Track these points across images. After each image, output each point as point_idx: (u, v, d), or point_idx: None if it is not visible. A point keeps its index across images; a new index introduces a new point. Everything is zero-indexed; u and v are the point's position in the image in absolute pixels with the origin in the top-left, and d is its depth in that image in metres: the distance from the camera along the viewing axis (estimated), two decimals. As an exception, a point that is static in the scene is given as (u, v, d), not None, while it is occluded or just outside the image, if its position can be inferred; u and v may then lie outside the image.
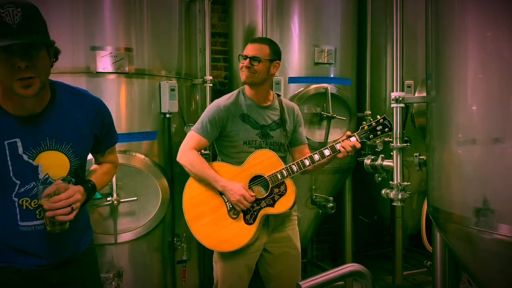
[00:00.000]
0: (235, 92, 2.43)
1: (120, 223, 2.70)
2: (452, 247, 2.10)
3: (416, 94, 3.59)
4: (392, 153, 2.54)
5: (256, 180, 2.30)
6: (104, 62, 2.63)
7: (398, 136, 2.49)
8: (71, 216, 1.42)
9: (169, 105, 2.82)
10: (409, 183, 2.49)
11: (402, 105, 2.44)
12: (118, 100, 2.70)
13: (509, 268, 1.79)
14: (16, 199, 1.47)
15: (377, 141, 3.33)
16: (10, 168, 1.43)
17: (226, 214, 2.28)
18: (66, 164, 1.53)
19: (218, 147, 2.45)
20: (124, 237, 2.73)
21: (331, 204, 3.54)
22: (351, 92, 3.71)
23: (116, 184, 2.62)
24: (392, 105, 2.46)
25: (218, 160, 2.45)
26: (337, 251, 4.71)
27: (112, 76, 2.68)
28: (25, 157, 1.44)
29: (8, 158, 1.42)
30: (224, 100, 2.38)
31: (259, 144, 2.36)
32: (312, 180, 3.62)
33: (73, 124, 1.54)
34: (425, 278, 4.17)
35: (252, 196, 2.24)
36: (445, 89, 2.03)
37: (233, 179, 2.28)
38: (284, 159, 2.40)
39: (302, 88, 3.50)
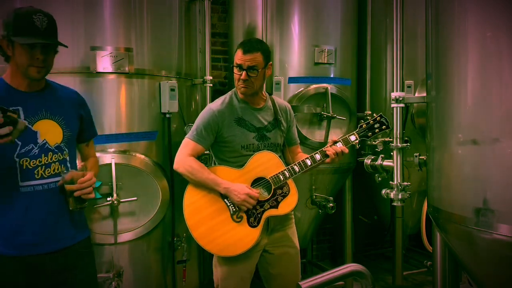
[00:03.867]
0: (227, 96, 2.38)
1: (120, 223, 2.69)
2: (452, 247, 2.10)
3: (416, 94, 3.59)
4: (392, 153, 2.54)
5: (257, 182, 2.28)
6: (104, 62, 2.62)
7: (398, 136, 2.49)
8: (93, 195, 1.77)
9: (169, 105, 2.82)
10: (409, 183, 2.49)
11: (402, 105, 2.44)
12: (118, 100, 2.70)
13: (509, 268, 1.79)
14: (17, 160, 1.74)
15: (377, 141, 3.33)
16: None
17: (229, 218, 2.25)
18: (60, 132, 1.84)
19: (215, 153, 2.42)
20: (124, 237, 2.72)
21: (331, 204, 3.54)
22: (351, 92, 3.71)
23: (116, 184, 2.62)
24: (392, 105, 2.46)
25: (215, 164, 2.41)
26: (337, 251, 4.70)
27: (112, 76, 2.68)
28: (26, 123, 1.70)
29: None
30: (217, 104, 2.34)
31: (257, 147, 2.33)
32: (312, 180, 3.62)
33: (63, 102, 1.89)
34: (425, 278, 4.17)
35: (256, 193, 2.22)
36: (445, 89, 2.03)
37: (234, 182, 2.25)
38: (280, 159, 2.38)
39: (302, 88, 3.50)
